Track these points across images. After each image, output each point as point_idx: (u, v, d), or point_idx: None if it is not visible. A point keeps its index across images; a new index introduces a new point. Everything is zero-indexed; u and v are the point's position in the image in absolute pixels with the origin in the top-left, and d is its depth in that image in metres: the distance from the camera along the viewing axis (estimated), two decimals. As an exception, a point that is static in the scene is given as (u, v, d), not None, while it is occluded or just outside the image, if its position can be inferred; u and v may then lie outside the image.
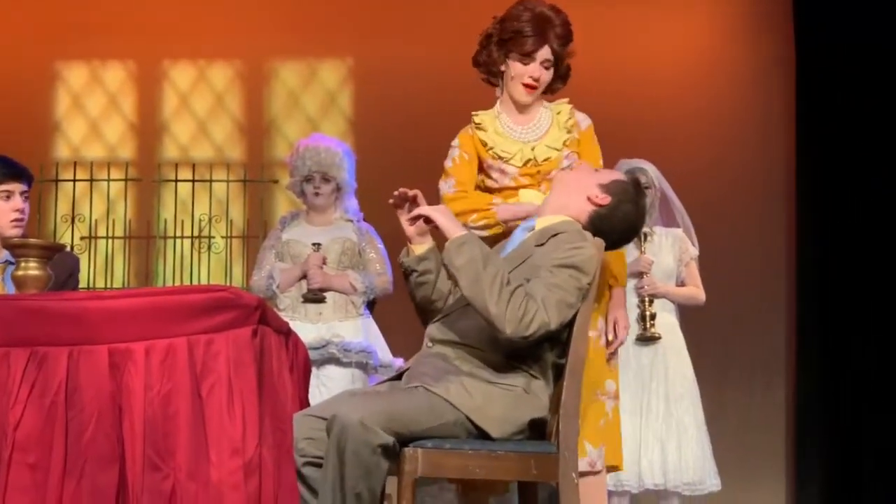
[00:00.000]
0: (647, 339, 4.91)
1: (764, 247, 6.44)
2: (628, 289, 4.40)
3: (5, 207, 3.82)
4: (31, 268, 2.92)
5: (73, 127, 6.72)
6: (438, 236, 3.06)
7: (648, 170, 5.05)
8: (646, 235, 4.97)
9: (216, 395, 2.52)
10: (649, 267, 4.97)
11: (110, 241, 6.60)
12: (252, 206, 6.61)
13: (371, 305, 4.86)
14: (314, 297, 4.71)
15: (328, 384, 4.57)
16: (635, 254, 4.90)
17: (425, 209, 3.05)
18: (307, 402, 2.86)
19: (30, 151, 5.36)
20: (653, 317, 4.93)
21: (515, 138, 3.74)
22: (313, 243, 4.77)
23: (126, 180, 6.64)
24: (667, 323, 4.99)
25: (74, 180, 6.62)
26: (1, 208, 3.82)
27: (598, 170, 3.36)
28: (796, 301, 6.33)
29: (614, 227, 3.21)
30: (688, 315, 5.16)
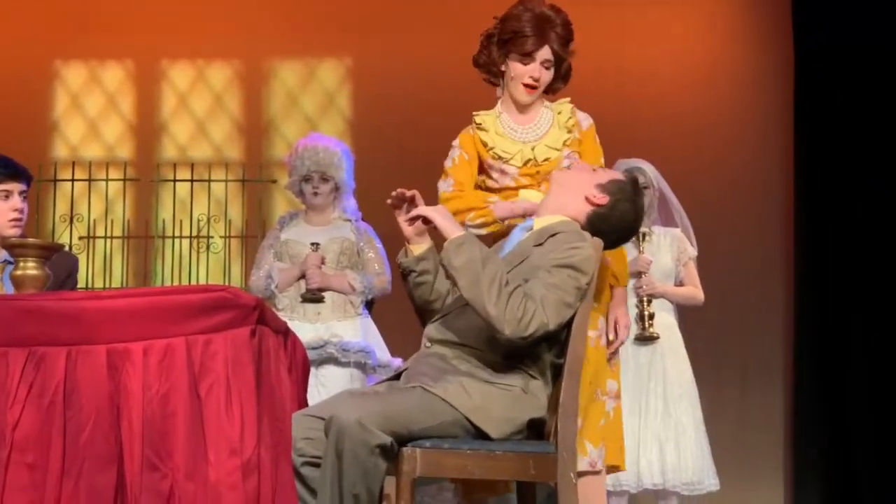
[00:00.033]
0: (645, 338, 4.91)
1: (763, 247, 6.44)
2: (627, 289, 4.40)
3: (4, 207, 3.81)
4: (30, 267, 2.92)
5: (71, 126, 6.72)
6: (437, 237, 3.05)
7: (647, 169, 5.04)
8: (644, 235, 4.97)
9: (214, 395, 2.51)
10: (648, 267, 4.97)
11: (109, 240, 6.60)
12: (250, 206, 6.61)
13: (369, 305, 4.85)
14: (313, 296, 4.71)
15: (327, 384, 4.56)
16: (634, 253, 4.90)
17: (423, 209, 3.05)
18: (305, 402, 2.85)
19: (28, 151, 5.36)
20: (651, 317, 4.93)
21: (516, 138, 3.74)
22: (312, 243, 4.77)
23: (124, 180, 6.63)
24: (665, 323, 4.99)
25: (73, 180, 6.62)
26: (-1, 208, 3.83)
27: (596, 169, 3.34)
28: (794, 301, 6.33)
29: (612, 226, 3.21)
30: (686, 315, 5.16)
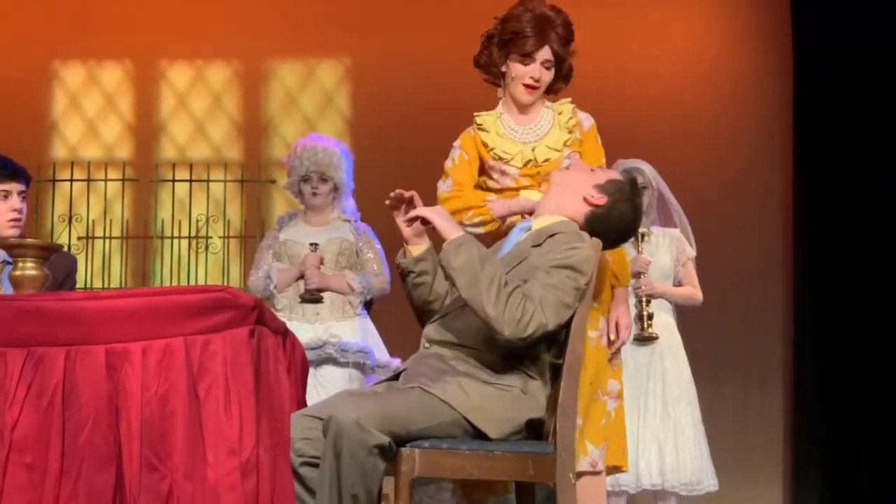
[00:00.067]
0: (644, 339, 4.91)
1: (762, 247, 6.45)
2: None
3: (3, 207, 3.82)
4: (29, 268, 2.92)
5: (70, 127, 6.72)
6: (436, 237, 3.05)
7: (645, 170, 5.04)
8: (643, 235, 4.97)
9: (213, 395, 2.51)
10: (647, 267, 4.97)
11: (107, 241, 6.60)
12: (249, 206, 6.61)
13: (368, 305, 4.85)
14: (311, 297, 4.71)
15: (325, 384, 4.56)
16: (633, 254, 4.90)
17: (422, 210, 3.05)
18: (304, 403, 2.85)
19: (27, 151, 5.36)
20: (650, 317, 4.93)
21: (516, 139, 3.73)
22: (311, 243, 4.77)
23: (123, 180, 6.63)
24: (664, 323, 4.99)
25: (72, 180, 6.62)
26: (-2, 208, 3.82)
27: (595, 169, 3.34)
28: (794, 301, 6.33)
29: (611, 226, 3.21)
30: (686, 315, 5.16)
